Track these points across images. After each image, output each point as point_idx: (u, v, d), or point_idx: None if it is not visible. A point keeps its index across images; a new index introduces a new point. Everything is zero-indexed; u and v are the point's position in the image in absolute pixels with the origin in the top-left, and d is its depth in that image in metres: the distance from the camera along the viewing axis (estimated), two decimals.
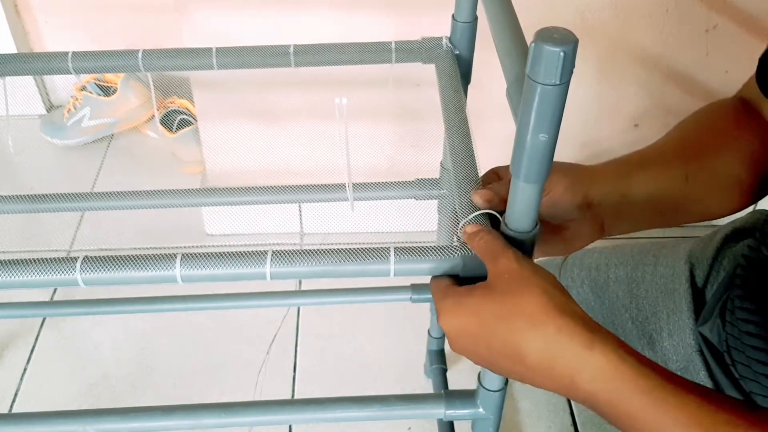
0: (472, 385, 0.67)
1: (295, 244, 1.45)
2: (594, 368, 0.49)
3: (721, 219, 0.78)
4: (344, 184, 0.86)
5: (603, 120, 1.33)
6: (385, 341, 1.28)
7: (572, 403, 1.19)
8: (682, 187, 0.72)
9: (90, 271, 0.53)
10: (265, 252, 0.53)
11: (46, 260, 0.53)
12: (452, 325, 0.54)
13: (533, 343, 0.50)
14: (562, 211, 0.67)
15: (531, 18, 0.65)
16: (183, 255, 0.53)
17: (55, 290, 1.33)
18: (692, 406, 0.47)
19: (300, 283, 1.35)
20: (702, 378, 0.81)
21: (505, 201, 0.54)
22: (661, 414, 0.47)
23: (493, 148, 1.06)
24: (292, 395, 1.20)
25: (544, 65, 0.43)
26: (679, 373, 0.81)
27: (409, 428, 1.16)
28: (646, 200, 0.71)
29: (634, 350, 0.49)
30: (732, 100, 0.78)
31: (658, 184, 0.71)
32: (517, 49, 0.54)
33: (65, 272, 0.53)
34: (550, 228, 0.67)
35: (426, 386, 1.20)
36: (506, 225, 0.54)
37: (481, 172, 0.66)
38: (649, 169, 0.72)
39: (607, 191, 0.69)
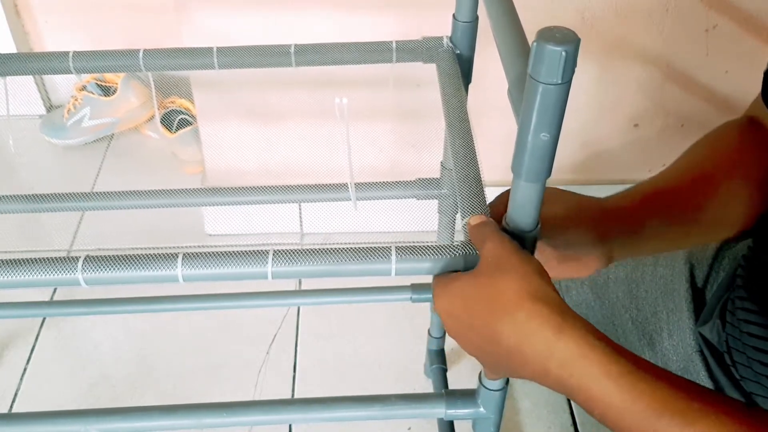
0: (472, 384, 0.67)
1: (295, 244, 1.45)
2: (563, 353, 0.49)
3: None
4: (344, 184, 0.86)
5: (603, 120, 1.33)
6: (385, 341, 1.28)
7: (572, 403, 1.19)
8: (694, 218, 0.73)
9: (91, 270, 0.53)
10: (267, 251, 0.53)
11: (48, 260, 0.53)
12: (441, 307, 0.56)
13: (506, 328, 0.51)
14: (577, 247, 0.68)
15: (530, 18, 0.65)
16: (184, 255, 0.53)
17: (54, 290, 1.33)
18: (663, 393, 0.47)
19: (300, 282, 1.35)
20: (702, 378, 0.81)
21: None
22: (632, 400, 0.47)
23: (494, 147, 1.06)
24: (292, 395, 1.20)
25: (546, 65, 0.43)
26: (679, 373, 0.82)
27: (409, 428, 1.16)
28: (657, 236, 0.72)
29: (604, 336, 0.50)
30: (740, 120, 0.78)
31: (670, 220, 0.72)
32: (518, 49, 0.54)
33: (67, 272, 0.53)
34: (562, 257, 0.68)
35: (426, 386, 1.20)
36: (507, 224, 0.54)
37: (482, 171, 0.66)
38: (661, 206, 0.72)
39: (620, 231, 0.70)
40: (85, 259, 0.53)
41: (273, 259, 0.53)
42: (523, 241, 0.54)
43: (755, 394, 0.74)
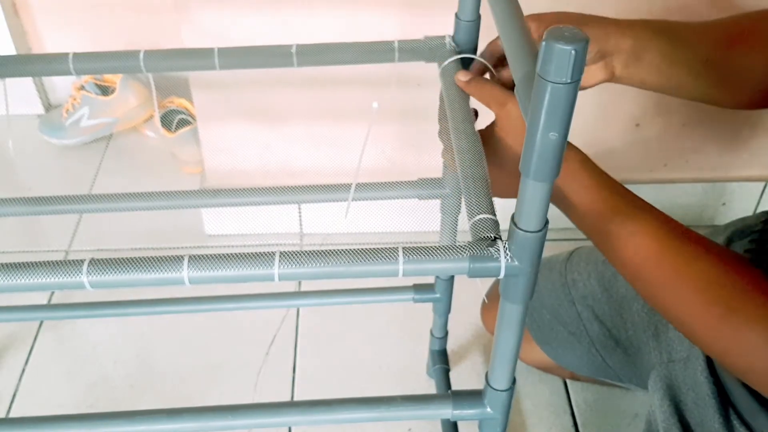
0: (475, 385, 0.66)
1: (294, 244, 1.44)
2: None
3: (725, 218, 0.78)
4: (344, 185, 0.85)
5: (603, 120, 1.33)
6: (386, 341, 1.27)
7: (573, 404, 1.19)
8: (699, 70, 0.76)
9: (96, 273, 0.52)
10: (273, 253, 0.53)
11: (52, 263, 0.53)
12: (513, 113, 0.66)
13: None
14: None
15: None
16: (190, 257, 0.52)
17: (52, 292, 1.33)
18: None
19: (299, 283, 1.34)
20: (703, 368, 0.81)
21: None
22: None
23: None
24: (292, 397, 1.20)
25: (555, 64, 0.43)
26: (681, 364, 0.83)
27: (410, 429, 1.16)
28: (658, 69, 0.76)
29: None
30: None
31: (676, 59, 0.76)
32: (525, 48, 0.54)
33: (71, 275, 0.52)
34: None
35: (427, 387, 1.20)
36: (515, 224, 0.53)
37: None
38: (673, 43, 0.76)
39: (622, 49, 0.76)
40: (90, 261, 0.52)
41: (279, 260, 0.52)
42: (533, 242, 0.54)
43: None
